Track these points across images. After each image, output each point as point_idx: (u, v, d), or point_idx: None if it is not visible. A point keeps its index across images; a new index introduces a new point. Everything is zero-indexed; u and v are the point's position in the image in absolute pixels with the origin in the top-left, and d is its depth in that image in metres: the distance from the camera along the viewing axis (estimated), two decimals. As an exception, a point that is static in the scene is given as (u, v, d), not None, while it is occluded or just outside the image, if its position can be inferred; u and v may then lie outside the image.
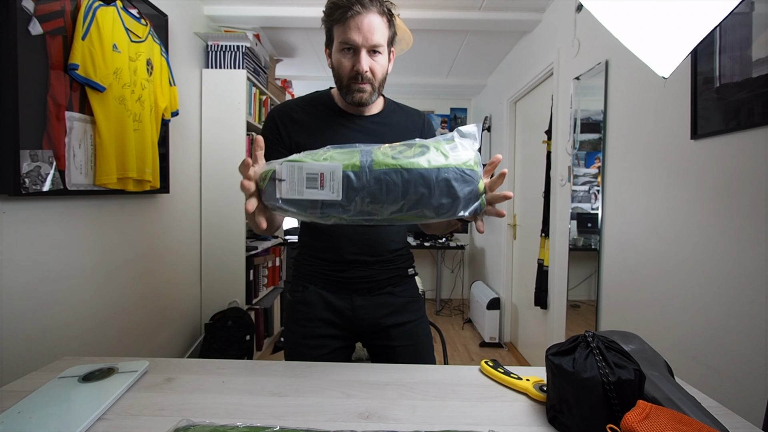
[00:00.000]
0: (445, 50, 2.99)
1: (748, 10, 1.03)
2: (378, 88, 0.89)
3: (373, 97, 0.89)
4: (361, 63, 0.83)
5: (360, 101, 0.87)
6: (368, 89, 0.87)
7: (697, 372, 1.17)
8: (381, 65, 0.87)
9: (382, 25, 0.84)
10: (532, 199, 2.62)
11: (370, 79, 0.85)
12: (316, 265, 0.97)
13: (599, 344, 0.57)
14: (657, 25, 0.68)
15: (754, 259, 1.02)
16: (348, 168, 0.60)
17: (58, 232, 1.35)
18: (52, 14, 1.25)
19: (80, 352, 1.43)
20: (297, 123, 0.92)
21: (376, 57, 0.85)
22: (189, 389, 0.68)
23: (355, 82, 0.85)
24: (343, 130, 0.92)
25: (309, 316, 0.95)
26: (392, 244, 0.97)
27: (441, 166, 0.61)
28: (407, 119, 0.99)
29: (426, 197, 0.61)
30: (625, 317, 1.56)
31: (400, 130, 0.96)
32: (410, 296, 1.00)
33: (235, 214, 2.41)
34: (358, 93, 0.86)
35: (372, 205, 0.61)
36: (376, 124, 0.94)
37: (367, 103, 0.89)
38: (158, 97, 1.77)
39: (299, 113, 0.93)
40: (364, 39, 0.81)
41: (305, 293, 0.97)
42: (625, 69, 1.58)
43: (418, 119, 1.01)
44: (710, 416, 0.54)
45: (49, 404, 0.60)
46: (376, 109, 0.96)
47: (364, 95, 0.87)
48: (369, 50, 0.83)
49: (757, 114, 1.00)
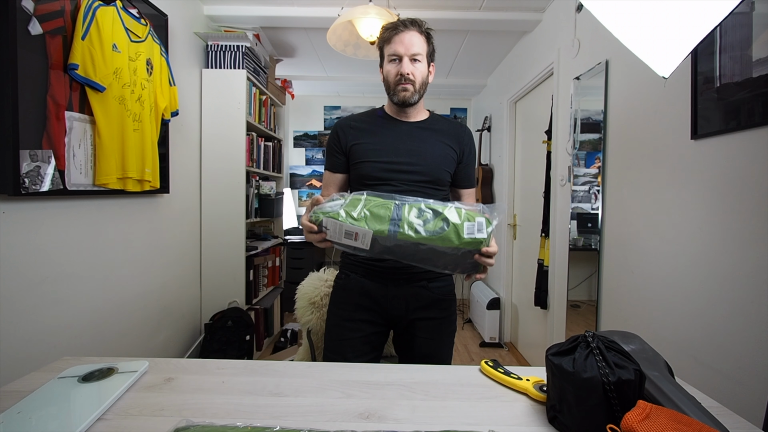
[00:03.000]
0: (445, 50, 2.99)
1: (748, 10, 1.03)
2: (419, 90, 1.05)
3: (415, 97, 1.05)
4: (404, 66, 1.02)
5: (404, 99, 1.04)
6: (410, 89, 1.04)
7: (697, 372, 1.17)
8: (420, 71, 1.05)
9: (421, 41, 1.05)
10: (532, 199, 2.62)
11: (412, 80, 1.03)
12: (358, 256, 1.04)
13: (599, 344, 0.57)
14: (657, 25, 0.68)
15: (754, 259, 1.02)
16: (377, 233, 0.79)
17: (58, 232, 1.35)
18: (51, 14, 1.25)
19: (80, 352, 1.43)
20: (355, 129, 1.10)
21: (416, 64, 1.04)
22: (189, 389, 0.68)
23: (400, 83, 1.03)
24: (390, 132, 1.09)
25: (348, 301, 1.08)
26: None
27: (452, 247, 0.79)
28: (449, 127, 1.13)
29: (433, 262, 0.83)
30: (625, 317, 1.56)
31: (442, 135, 1.10)
32: (443, 293, 1.09)
33: (235, 214, 2.41)
34: (402, 92, 1.04)
35: (391, 255, 0.82)
36: (420, 128, 1.10)
37: (411, 101, 1.05)
38: (158, 97, 1.77)
39: (357, 122, 1.12)
40: (406, 49, 1.03)
41: (347, 281, 1.10)
42: (625, 69, 1.58)
43: (460, 129, 1.14)
44: (710, 416, 0.54)
45: (49, 404, 0.60)
46: (422, 117, 1.13)
47: (407, 93, 1.04)
48: (410, 58, 1.03)
49: (757, 114, 1.00)
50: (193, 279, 2.35)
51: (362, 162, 1.06)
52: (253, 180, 2.68)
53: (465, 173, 1.15)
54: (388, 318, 1.07)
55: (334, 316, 1.10)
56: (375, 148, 1.07)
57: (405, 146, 1.06)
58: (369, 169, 1.05)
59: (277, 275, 3.10)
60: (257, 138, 2.72)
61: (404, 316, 1.06)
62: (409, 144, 1.07)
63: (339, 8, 2.16)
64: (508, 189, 3.08)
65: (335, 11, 2.16)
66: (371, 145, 1.07)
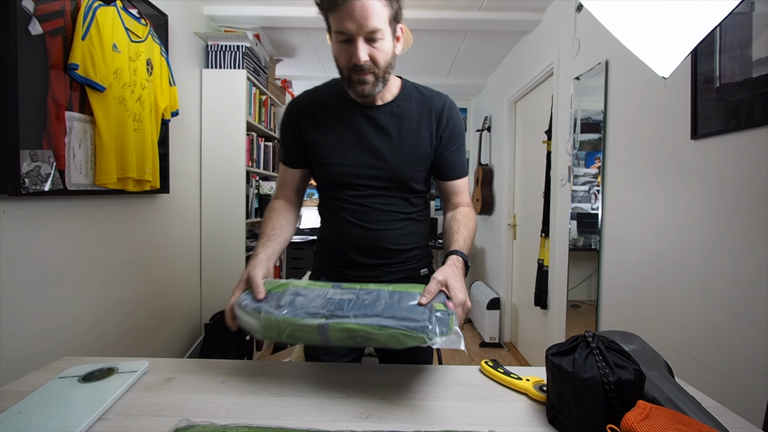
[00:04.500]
0: (445, 50, 2.99)
1: (748, 10, 1.03)
2: (383, 77, 0.82)
3: (378, 88, 0.83)
4: (358, 53, 0.76)
5: (363, 94, 0.82)
6: (370, 80, 0.80)
7: (697, 372, 1.17)
8: (383, 51, 0.79)
9: (378, 5, 0.74)
10: (532, 199, 2.62)
11: (371, 68, 0.79)
12: (328, 260, 0.99)
13: (599, 344, 0.57)
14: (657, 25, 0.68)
15: (754, 259, 1.02)
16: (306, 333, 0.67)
17: (58, 232, 1.35)
18: (52, 14, 1.25)
19: (80, 352, 1.43)
20: (310, 117, 0.91)
21: (376, 44, 0.77)
22: (189, 389, 0.68)
23: (356, 73, 0.80)
24: (354, 123, 0.89)
25: None
26: (399, 246, 0.94)
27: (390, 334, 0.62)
28: (424, 106, 0.91)
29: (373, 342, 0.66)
30: (625, 317, 1.56)
31: (415, 118, 0.89)
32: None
33: (235, 214, 2.41)
34: (360, 85, 0.81)
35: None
36: (388, 115, 0.89)
37: (371, 95, 0.83)
38: (158, 97, 1.77)
39: (312, 106, 0.91)
40: (359, 26, 0.74)
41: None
42: (625, 69, 1.58)
43: (438, 103, 0.91)
44: (710, 416, 0.54)
45: (49, 404, 0.60)
46: (390, 95, 0.90)
47: (367, 87, 0.81)
48: (366, 37, 0.76)
49: (757, 114, 1.00)
50: (193, 279, 2.35)
51: (323, 164, 0.91)
52: (253, 180, 2.68)
53: (449, 160, 0.94)
54: None
55: None
56: (335, 145, 0.89)
57: (369, 142, 0.88)
58: (331, 173, 0.90)
59: (276, 275, 3.10)
60: (257, 138, 2.72)
61: None
62: (375, 139, 0.88)
63: (339, 8, 2.15)
64: (508, 189, 3.08)
65: (335, 11, 2.16)
66: (331, 142, 0.89)
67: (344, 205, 0.91)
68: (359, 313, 0.66)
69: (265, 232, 0.88)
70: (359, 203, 0.91)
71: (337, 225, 0.93)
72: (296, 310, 0.68)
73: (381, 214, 0.91)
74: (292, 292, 0.73)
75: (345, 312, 0.66)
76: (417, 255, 0.98)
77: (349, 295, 0.72)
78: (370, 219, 0.91)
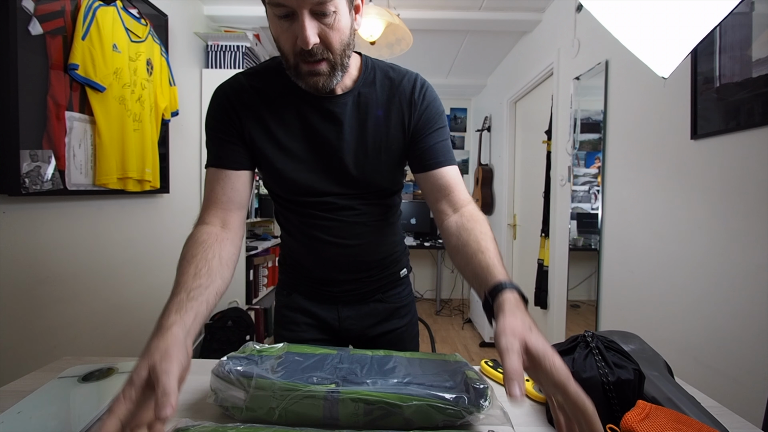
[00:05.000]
0: (445, 50, 2.99)
1: (748, 10, 1.03)
2: (341, 63, 0.63)
3: (335, 79, 0.65)
4: (305, 33, 0.56)
5: (316, 87, 0.64)
6: (324, 69, 0.62)
7: (697, 372, 1.17)
8: (337, 30, 0.60)
9: None
10: (532, 199, 2.62)
11: (323, 53, 0.60)
12: (299, 275, 0.87)
13: (599, 344, 0.57)
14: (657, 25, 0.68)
15: (754, 259, 1.02)
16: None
17: (58, 232, 1.35)
18: (52, 14, 1.25)
19: (80, 352, 1.43)
20: (249, 110, 0.70)
21: (327, 19, 0.58)
22: (189, 389, 0.68)
23: (305, 62, 0.61)
24: (307, 117, 0.70)
25: (295, 321, 0.87)
26: (380, 255, 0.86)
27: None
28: (392, 92, 0.73)
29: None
30: (625, 317, 1.56)
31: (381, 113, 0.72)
32: (400, 301, 0.91)
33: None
34: (312, 77, 0.63)
35: None
36: (350, 107, 0.71)
37: (327, 88, 0.65)
38: (158, 97, 1.77)
39: (252, 96, 0.70)
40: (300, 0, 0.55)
41: (289, 299, 0.88)
42: (625, 69, 1.58)
43: (407, 85, 0.73)
44: (710, 416, 0.54)
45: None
46: (350, 81, 0.72)
47: (321, 78, 0.63)
48: (312, 12, 0.57)
49: (757, 114, 1.00)
50: (193, 279, 2.35)
51: (274, 171, 0.72)
52: (253, 180, 2.68)
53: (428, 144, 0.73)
54: (343, 338, 0.88)
55: (282, 338, 0.85)
56: (288, 148, 0.70)
57: (330, 142, 0.71)
58: (287, 183, 0.73)
59: (277, 275, 3.10)
60: (257, 138, 2.72)
61: (362, 335, 0.88)
62: (336, 138, 0.71)
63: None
64: (508, 189, 3.08)
65: (335, 11, 2.16)
66: (283, 142, 0.70)
67: (314, 221, 0.76)
68: (377, 378, 0.55)
69: (183, 283, 0.55)
70: (331, 218, 0.76)
71: (309, 243, 0.79)
72: (298, 374, 0.55)
73: (357, 227, 0.78)
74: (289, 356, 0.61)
75: (359, 378, 0.55)
76: (396, 257, 0.91)
77: (362, 361, 0.61)
78: (345, 234, 0.77)
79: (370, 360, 0.62)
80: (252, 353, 0.62)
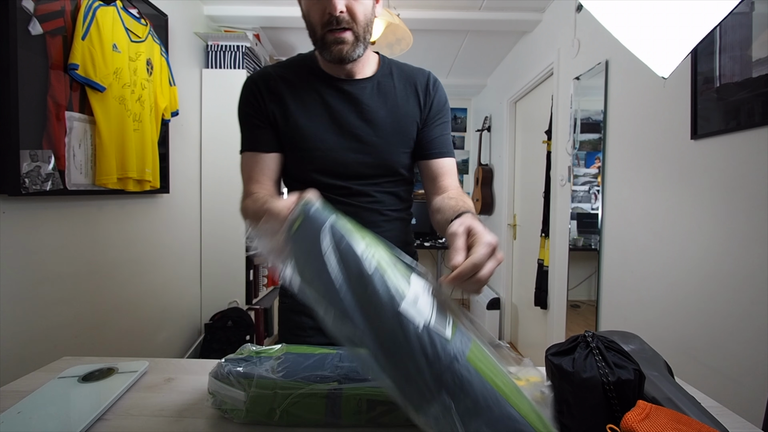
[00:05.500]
0: (445, 50, 2.99)
1: (748, 10, 1.03)
2: (363, 37, 0.72)
3: (358, 50, 0.72)
4: (335, 1, 0.66)
5: (341, 56, 0.71)
6: (349, 38, 0.70)
7: (697, 372, 1.17)
8: (362, 3, 0.69)
9: None
10: (532, 199, 2.62)
11: (348, 22, 0.69)
12: None
13: (599, 344, 0.57)
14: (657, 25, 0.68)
15: (754, 259, 1.02)
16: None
17: (58, 232, 1.35)
18: (52, 14, 1.25)
19: (80, 352, 1.43)
20: (274, 94, 0.78)
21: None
22: (189, 389, 0.68)
23: (331, 31, 0.69)
24: (328, 100, 0.78)
25: (301, 326, 0.86)
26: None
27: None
28: (408, 82, 0.82)
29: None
30: (625, 317, 1.56)
31: (397, 99, 0.80)
32: None
33: (235, 214, 2.40)
34: (337, 45, 0.70)
35: None
36: (367, 91, 0.78)
37: (351, 58, 0.72)
38: (158, 97, 1.77)
39: (280, 82, 0.79)
40: None
41: (294, 302, 0.87)
42: (625, 69, 1.58)
43: (421, 78, 0.83)
44: (710, 416, 0.54)
45: (49, 404, 0.60)
46: (370, 71, 0.81)
47: (345, 47, 0.70)
48: None
49: (757, 114, 1.00)
50: (193, 279, 2.35)
51: (295, 151, 0.79)
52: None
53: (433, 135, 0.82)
54: None
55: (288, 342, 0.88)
56: (309, 129, 0.77)
57: (350, 122, 0.77)
58: (306, 162, 0.79)
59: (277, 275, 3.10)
60: (257, 138, 2.72)
61: None
62: (356, 118, 0.78)
63: (339, 8, 2.16)
64: (508, 189, 3.08)
65: (335, 11, 2.16)
66: (304, 124, 0.77)
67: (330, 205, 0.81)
68: None
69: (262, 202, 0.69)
70: (346, 202, 0.80)
71: None
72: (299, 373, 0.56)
73: (372, 215, 0.82)
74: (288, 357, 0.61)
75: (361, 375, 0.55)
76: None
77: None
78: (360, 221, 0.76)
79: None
80: (250, 355, 0.62)
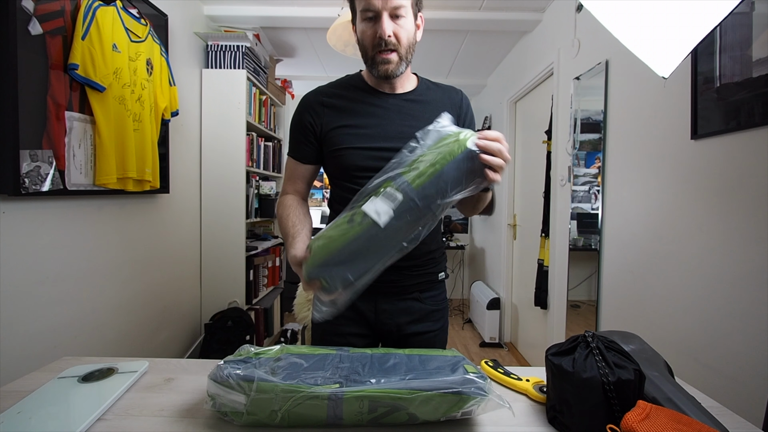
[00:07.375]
0: (445, 50, 2.99)
1: (748, 10, 1.03)
2: (405, 57, 0.85)
3: (401, 68, 0.85)
4: (383, 26, 0.80)
5: (386, 73, 0.84)
6: (394, 58, 0.83)
7: (697, 372, 1.17)
8: (406, 30, 0.83)
9: None
10: (532, 199, 2.62)
11: (394, 45, 0.82)
12: None
13: (599, 344, 0.57)
14: (657, 25, 0.68)
15: (754, 259, 1.02)
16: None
17: (58, 232, 1.35)
18: (51, 14, 1.25)
19: (80, 352, 1.43)
20: (330, 108, 0.90)
21: (400, 21, 0.82)
22: (189, 389, 0.68)
23: (380, 52, 0.83)
24: (375, 110, 0.89)
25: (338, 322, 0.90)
26: (424, 248, 0.89)
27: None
28: (443, 95, 0.95)
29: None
30: (625, 317, 1.56)
31: (437, 106, 0.91)
32: (436, 304, 0.96)
33: (235, 214, 2.41)
34: (384, 64, 0.83)
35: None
36: (409, 102, 0.91)
37: (395, 74, 0.85)
38: (158, 97, 1.77)
39: (332, 98, 0.91)
40: (384, 2, 0.79)
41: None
42: (625, 69, 1.58)
43: (455, 95, 0.96)
44: (710, 416, 0.54)
45: (49, 404, 0.60)
46: (410, 86, 0.93)
47: (390, 66, 0.84)
48: (391, 14, 0.81)
49: (757, 114, 1.00)
50: (193, 279, 2.35)
51: (344, 150, 0.88)
52: (253, 180, 2.68)
53: None
54: (377, 332, 0.94)
55: (320, 328, 0.95)
56: (359, 133, 0.88)
57: (394, 127, 0.88)
58: (353, 158, 0.87)
59: (277, 275, 3.10)
60: (257, 138, 2.72)
61: (395, 332, 0.93)
62: (399, 124, 0.88)
63: (339, 8, 2.15)
64: (508, 189, 3.08)
65: (335, 11, 2.16)
66: (354, 129, 0.88)
67: None
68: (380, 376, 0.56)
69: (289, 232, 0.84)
70: None
71: None
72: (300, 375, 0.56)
73: None
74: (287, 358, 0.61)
75: (362, 377, 0.56)
76: (437, 257, 0.97)
77: (362, 360, 0.62)
78: None
79: (370, 358, 0.63)
80: (249, 356, 0.61)
